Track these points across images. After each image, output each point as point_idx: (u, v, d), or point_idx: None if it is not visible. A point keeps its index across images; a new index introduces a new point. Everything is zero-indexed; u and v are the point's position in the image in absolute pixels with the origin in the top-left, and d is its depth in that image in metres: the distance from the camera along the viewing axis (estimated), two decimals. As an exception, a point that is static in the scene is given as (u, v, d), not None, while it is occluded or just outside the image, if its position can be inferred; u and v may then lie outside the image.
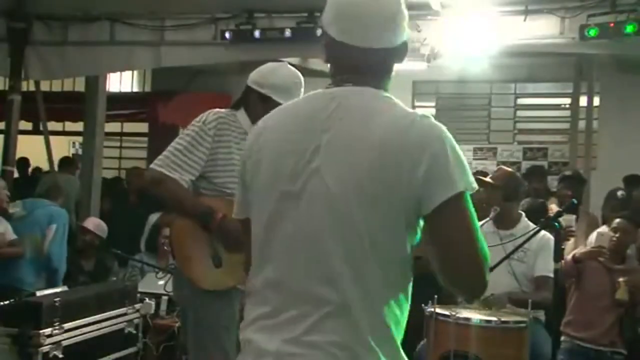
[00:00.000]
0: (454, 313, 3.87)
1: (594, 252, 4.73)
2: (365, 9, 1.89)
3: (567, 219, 5.06)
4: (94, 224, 6.54)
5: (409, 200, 1.74)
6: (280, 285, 1.84)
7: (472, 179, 1.77)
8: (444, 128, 1.83)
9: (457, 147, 1.80)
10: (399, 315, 1.89)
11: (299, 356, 1.78)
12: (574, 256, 4.77)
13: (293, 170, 1.83)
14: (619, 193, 5.69)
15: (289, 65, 3.45)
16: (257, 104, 3.36)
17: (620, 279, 4.61)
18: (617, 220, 4.80)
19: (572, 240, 5.29)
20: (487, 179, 4.69)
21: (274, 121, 1.96)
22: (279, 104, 3.32)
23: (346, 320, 1.78)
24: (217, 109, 3.42)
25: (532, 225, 4.49)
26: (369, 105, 1.85)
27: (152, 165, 3.33)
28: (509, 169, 5.04)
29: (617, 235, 4.73)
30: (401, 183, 1.73)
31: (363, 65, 1.90)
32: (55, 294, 4.55)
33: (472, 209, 1.76)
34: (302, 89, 3.39)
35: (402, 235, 1.79)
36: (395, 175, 1.74)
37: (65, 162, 9.41)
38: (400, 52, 1.97)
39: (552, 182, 7.63)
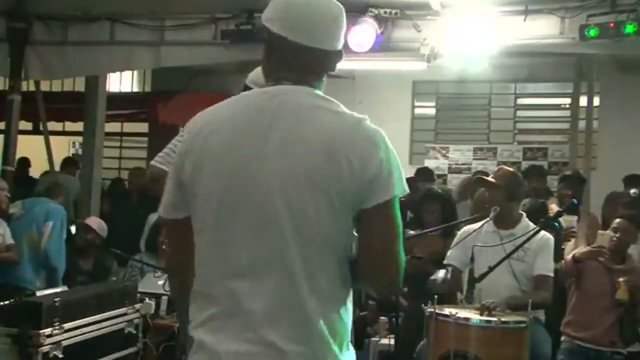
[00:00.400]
0: (454, 313, 3.87)
1: (594, 252, 4.73)
2: (314, 8, 1.95)
3: (568, 220, 5.06)
4: (96, 223, 6.55)
5: (356, 197, 1.85)
6: (231, 282, 1.87)
7: (404, 182, 1.91)
8: (383, 132, 1.94)
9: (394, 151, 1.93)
10: (349, 310, 1.95)
11: (255, 355, 1.82)
12: (574, 256, 4.77)
13: (242, 168, 1.87)
14: (632, 191, 5.70)
15: None
16: None
17: (620, 279, 4.61)
18: (617, 220, 4.80)
19: (572, 240, 5.29)
20: (490, 179, 4.67)
21: (214, 120, 1.96)
22: None
23: (301, 316, 1.84)
24: None
25: (532, 225, 4.48)
26: (310, 103, 1.92)
27: (152, 162, 3.35)
28: (511, 169, 5.03)
29: (617, 235, 4.73)
30: (352, 181, 1.84)
31: (305, 64, 1.95)
32: (55, 294, 4.55)
33: (399, 212, 1.90)
34: None
35: (349, 231, 1.90)
36: (346, 174, 1.83)
37: (67, 162, 9.41)
38: (337, 58, 2.03)
39: (552, 182, 7.62)
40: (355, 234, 1.91)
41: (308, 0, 1.96)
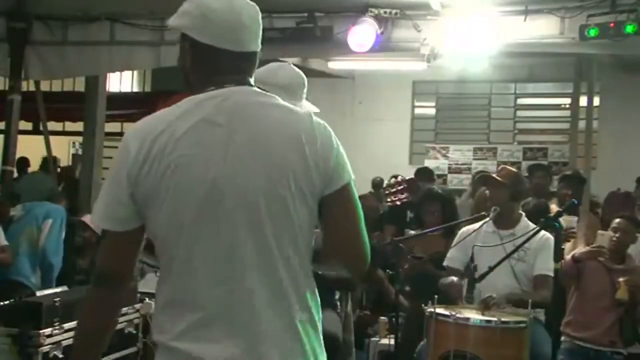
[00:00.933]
0: (454, 313, 3.86)
1: (593, 252, 4.73)
2: (239, 15, 1.98)
3: (568, 220, 5.06)
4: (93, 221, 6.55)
5: (320, 190, 1.94)
6: (214, 289, 1.87)
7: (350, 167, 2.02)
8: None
9: None
10: (319, 307, 2.01)
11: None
12: (573, 256, 4.77)
13: (209, 173, 1.88)
14: None
15: (292, 65, 3.45)
16: None
17: (620, 279, 4.61)
18: (617, 220, 4.79)
19: (572, 241, 5.29)
20: (497, 177, 4.65)
21: (170, 126, 1.92)
22: None
23: (288, 317, 1.90)
24: None
25: (532, 225, 4.48)
26: (259, 101, 1.98)
27: None
28: (514, 169, 5.04)
29: (617, 235, 4.73)
30: (317, 175, 1.92)
31: (239, 67, 2.01)
32: (55, 294, 4.55)
33: (356, 194, 2.02)
34: (305, 89, 3.39)
35: (315, 224, 1.98)
36: (313, 169, 1.92)
37: (44, 161, 9.39)
38: (259, 54, 2.08)
39: (552, 182, 7.63)
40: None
41: (229, 6, 1.98)
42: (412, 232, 5.41)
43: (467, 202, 6.93)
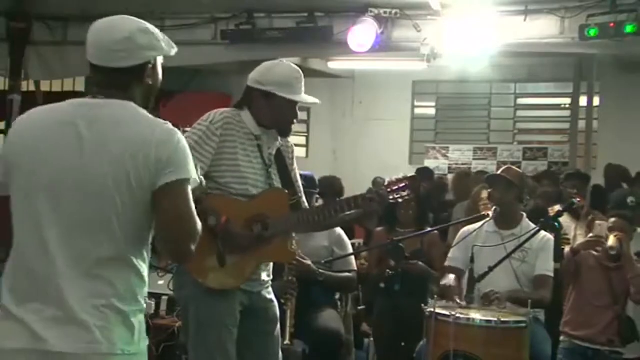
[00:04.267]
0: (454, 313, 3.86)
1: (591, 242, 4.73)
2: (107, 32, 2.31)
3: (567, 223, 5.04)
4: None
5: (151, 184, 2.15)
6: None
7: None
8: (179, 132, 2.22)
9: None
10: None
11: None
12: (572, 248, 4.78)
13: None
14: (630, 200, 5.66)
15: (286, 61, 3.48)
16: (261, 102, 3.37)
17: (601, 224, 4.63)
18: (613, 219, 4.78)
19: (567, 247, 5.27)
20: (508, 177, 4.63)
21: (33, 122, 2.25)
22: (284, 99, 3.33)
23: None
24: (223, 109, 3.42)
25: (532, 225, 4.48)
26: (118, 114, 2.21)
27: None
28: (519, 170, 5.03)
29: (619, 236, 4.72)
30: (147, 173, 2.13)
31: (110, 82, 2.25)
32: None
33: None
34: (302, 83, 3.40)
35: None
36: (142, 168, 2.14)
37: None
38: (139, 72, 2.30)
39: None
40: None
41: (109, 24, 2.33)
42: (380, 228, 5.47)
43: (460, 204, 6.92)
